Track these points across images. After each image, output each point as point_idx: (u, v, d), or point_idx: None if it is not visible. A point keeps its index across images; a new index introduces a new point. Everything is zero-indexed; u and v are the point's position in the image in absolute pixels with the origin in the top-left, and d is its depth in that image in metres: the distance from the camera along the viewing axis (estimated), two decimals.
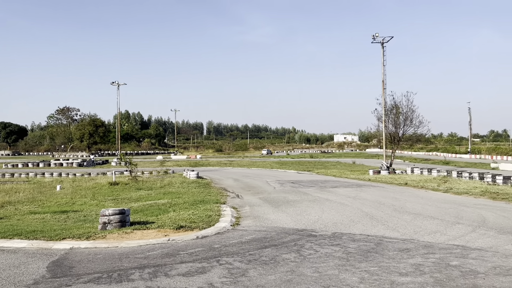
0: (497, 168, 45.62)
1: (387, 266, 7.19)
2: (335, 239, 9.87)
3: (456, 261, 7.60)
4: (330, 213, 14.07)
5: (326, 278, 6.47)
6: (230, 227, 11.78)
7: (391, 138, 40.04)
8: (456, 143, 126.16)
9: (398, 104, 38.97)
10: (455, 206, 15.78)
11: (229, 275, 6.70)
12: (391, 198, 18.62)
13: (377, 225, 11.81)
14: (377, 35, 37.64)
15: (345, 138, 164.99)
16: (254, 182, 28.74)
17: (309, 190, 22.31)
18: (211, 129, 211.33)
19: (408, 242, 9.42)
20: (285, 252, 8.39)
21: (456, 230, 10.91)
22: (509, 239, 9.78)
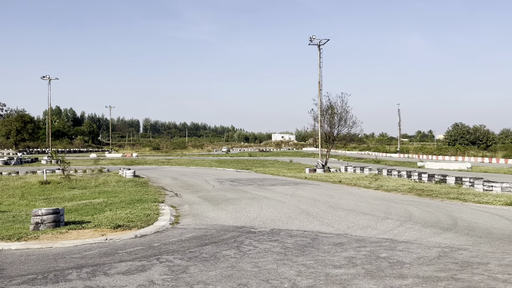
0: (423, 167, 48.51)
1: (322, 260, 7.55)
2: (273, 235, 10.17)
3: (385, 253, 8.13)
4: (268, 210, 14.40)
5: (265, 272, 6.70)
6: (169, 225, 11.74)
7: (327, 137, 41.38)
8: (386, 143, 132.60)
9: (333, 105, 40.32)
10: (385, 202, 16.71)
11: (170, 272, 6.74)
12: (326, 195, 19.35)
13: (313, 221, 12.28)
14: (314, 38, 38.71)
15: (282, 137, 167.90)
16: (193, 180, 28.62)
17: (248, 188, 22.62)
18: (148, 126, 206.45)
19: (342, 237, 9.91)
20: (225, 249, 8.54)
21: (386, 225, 11.60)
22: (432, 232, 10.57)
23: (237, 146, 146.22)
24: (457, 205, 16.08)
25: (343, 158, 71.39)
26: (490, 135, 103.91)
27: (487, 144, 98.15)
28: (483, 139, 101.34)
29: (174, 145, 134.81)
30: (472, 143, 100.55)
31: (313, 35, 38.52)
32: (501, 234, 10.17)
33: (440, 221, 12.20)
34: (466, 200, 17.49)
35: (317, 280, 6.26)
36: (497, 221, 12.18)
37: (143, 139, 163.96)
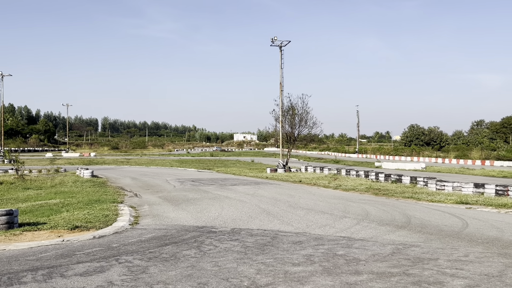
0: (380, 167, 49.90)
1: (282, 258, 7.71)
2: (234, 234, 10.26)
3: (342, 250, 8.39)
4: (229, 210, 14.48)
5: (225, 271, 6.78)
6: (128, 226, 11.61)
7: (288, 137, 41.86)
8: (346, 143, 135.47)
9: (294, 106, 40.86)
10: (343, 201, 17.14)
11: (129, 273, 6.70)
12: (286, 195, 19.62)
13: (273, 220, 12.46)
14: (275, 39, 39.07)
15: (244, 137, 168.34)
16: (153, 180, 28.29)
17: (210, 188, 22.60)
18: (107, 125, 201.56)
19: (301, 235, 10.12)
20: (185, 249, 8.55)
21: (343, 223, 11.93)
22: (387, 229, 10.96)
23: (199, 146, 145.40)
24: (411, 204, 16.70)
25: (303, 158, 72.36)
26: (444, 136, 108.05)
27: (440, 145, 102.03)
28: (437, 140, 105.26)
29: (134, 144, 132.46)
30: (427, 144, 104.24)
31: (274, 36, 38.88)
32: (451, 231, 10.67)
33: (395, 219, 12.65)
34: (419, 199, 18.19)
35: (276, 277, 6.41)
36: (447, 218, 12.76)
37: (102, 138, 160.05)
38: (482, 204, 16.21)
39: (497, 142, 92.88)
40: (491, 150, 79.55)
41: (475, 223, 11.95)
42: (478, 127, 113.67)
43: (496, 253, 8.19)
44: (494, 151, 77.83)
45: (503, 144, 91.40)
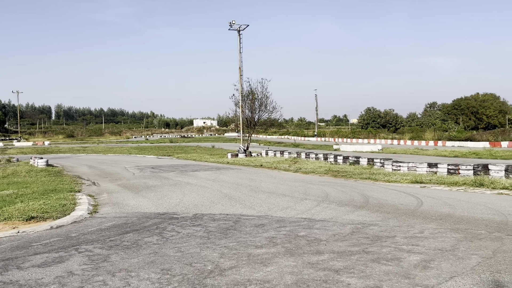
0: (338, 149, 50.95)
1: (245, 241, 7.77)
2: (196, 220, 10.23)
3: (304, 232, 8.54)
4: (191, 196, 14.40)
5: (188, 256, 6.77)
6: (87, 215, 11.33)
7: (248, 122, 41.95)
8: (305, 127, 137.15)
9: (254, 90, 40.93)
10: (303, 184, 17.41)
11: (89, 262, 6.56)
12: (248, 179, 19.72)
13: (236, 205, 12.50)
14: (233, 23, 38.78)
15: (204, 122, 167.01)
16: (111, 168, 27.68)
17: (170, 174, 22.37)
18: (61, 113, 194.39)
19: (263, 218, 10.22)
20: (147, 236, 8.46)
21: (304, 205, 12.13)
22: (347, 210, 11.24)
23: (158, 132, 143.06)
24: (369, 185, 17.18)
25: (264, 143, 72.80)
26: (399, 118, 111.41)
27: (396, 127, 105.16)
28: (393, 123, 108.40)
29: (90, 132, 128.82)
30: (383, 126, 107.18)
31: (232, 20, 38.60)
32: (407, 209, 11.07)
33: (353, 200, 12.98)
34: (377, 179, 18.73)
35: (240, 260, 6.46)
36: (403, 197, 13.22)
37: (56, 127, 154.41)
38: (435, 183, 16.89)
39: (448, 123, 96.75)
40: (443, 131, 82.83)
41: (429, 201, 12.45)
42: (431, 109, 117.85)
43: (449, 228, 8.58)
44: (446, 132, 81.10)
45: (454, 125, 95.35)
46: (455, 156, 36.86)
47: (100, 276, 5.86)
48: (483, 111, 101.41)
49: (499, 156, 35.64)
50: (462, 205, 11.55)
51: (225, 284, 5.40)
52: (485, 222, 9.18)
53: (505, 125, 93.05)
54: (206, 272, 5.94)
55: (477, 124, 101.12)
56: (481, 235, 7.90)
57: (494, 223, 8.99)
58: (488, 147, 52.28)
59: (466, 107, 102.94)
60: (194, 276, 5.76)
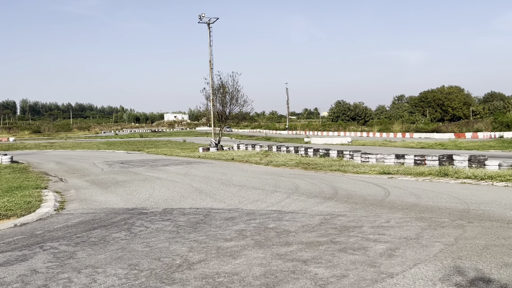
0: (309, 142, 51.42)
1: (214, 234, 7.76)
2: (166, 214, 10.15)
3: (273, 224, 8.60)
4: (161, 191, 14.27)
5: (157, 251, 6.71)
6: (53, 212, 11.07)
7: (219, 116, 41.78)
8: (276, 121, 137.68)
9: (225, 84, 40.76)
10: (274, 177, 17.50)
11: (54, 259, 6.42)
12: (219, 173, 19.68)
13: (206, 198, 12.47)
14: (203, 16, 38.44)
15: (175, 117, 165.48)
16: (79, 164, 27.10)
17: (140, 169, 22.08)
18: (27, 108, 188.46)
19: (233, 211, 10.23)
20: (115, 232, 8.33)
21: (274, 198, 12.20)
22: (316, 201, 11.37)
23: (128, 127, 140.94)
24: (338, 176, 17.43)
25: (235, 136, 72.73)
26: (368, 111, 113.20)
27: (365, 120, 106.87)
28: (362, 115, 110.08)
29: (58, 127, 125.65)
30: (352, 119, 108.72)
31: (202, 13, 38.31)
32: (374, 200, 11.30)
33: (323, 191, 13.15)
34: (346, 171, 19.02)
35: (209, 254, 6.45)
36: (371, 188, 13.48)
37: (22, 122, 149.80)
38: (402, 173, 17.29)
39: (416, 115, 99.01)
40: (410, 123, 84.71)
41: (396, 191, 12.74)
42: (399, 101, 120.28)
43: (414, 217, 8.80)
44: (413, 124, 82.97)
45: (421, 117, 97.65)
46: (422, 148, 37.81)
47: (65, 273, 5.74)
48: (449, 103, 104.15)
49: (463, 146, 36.76)
50: (427, 195, 11.87)
51: (193, 277, 5.39)
52: (448, 210, 9.46)
53: (469, 117, 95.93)
54: (174, 266, 5.91)
55: (443, 116, 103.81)
56: (444, 223, 8.14)
57: (457, 212, 9.27)
58: (453, 138, 53.82)
59: (433, 99, 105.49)
60: (162, 270, 5.72)
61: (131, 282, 5.30)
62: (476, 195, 11.62)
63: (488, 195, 11.53)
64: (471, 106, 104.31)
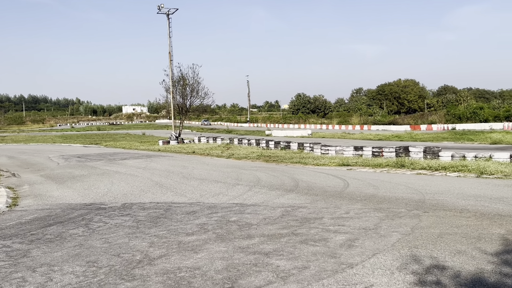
0: (270, 135, 51.71)
1: (175, 229, 7.67)
2: (125, 209, 9.94)
3: (235, 217, 8.59)
4: (120, 185, 13.96)
5: (116, 247, 6.56)
6: (6, 208, 10.62)
7: (180, 109, 41.25)
8: (237, 113, 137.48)
9: (185, 76, 40.23)
10: (236, 169, 17.49)
11: (7, 258, 6.15)
12: (179, 166, 19.46)
13: (167, 193, 12.30)
14: (162, 6, 37.73)
15: (134, 109, 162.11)
16: (33, 158, 26.10)
17: (98, 163, 21.52)
18: None
19: (194, 205, 10.14)
20: (72, 228, 8.08)
21: (236, 191, 12.19)
22: (277, 194, 11.45)
23: (84, 120, 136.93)
24: (299, 168, 17.62)
25: (196, 129, 72.16)
26: (328, 104, 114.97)
27: (325, 112, 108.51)
28: (322, 108, 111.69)
29: (10, 120, 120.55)
30: (312, 111, 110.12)
31: (161, 4, 37.54)
32: (334, 191, 11.49)
33: (284, 183, 13.25)
34: (306, 163, 19.25)
35: (170, 249, 6.36)
36: (331, 180, 13.71)
37: None
38: (361, 165, 17.68)
39: (373, 108, 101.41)
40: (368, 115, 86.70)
41: (355, 182, 13.01)
42: (357, 94, 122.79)
43: (372, 208, 9.02)
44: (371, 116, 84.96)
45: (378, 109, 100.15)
46: (379, 140, 38.81)
47: (19, 272, 5.51)
48: (405, 96, 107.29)
49: (418, 138, 38.00)
50: (385, 186, 12.19)
51: (154, 273, 5.30)
52: (405, 201, 9.76)
53: (424, 109, 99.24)
54: (134, 262, 5.79)
55: (399, 108, 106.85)
56: (401, 213, 8.39)
57: (413, 202, 9.58)
58: (409, 130, 55.58)
59: (390, 92, 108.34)
60: (122, 267, 5.60)
61: (89, 279, 5.15)
62: (431, 185, 12.05)
63: (442, 185, 11.98)
64: (425, 99, 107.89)
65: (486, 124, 56.16)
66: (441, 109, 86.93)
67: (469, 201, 9.49)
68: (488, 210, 8.46)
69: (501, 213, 8.15)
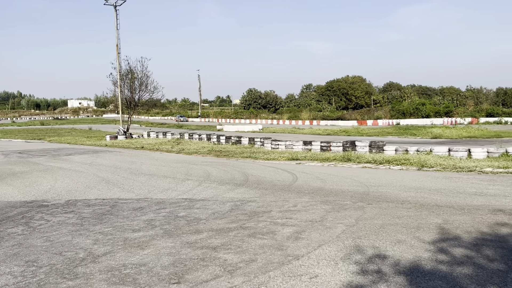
0: (222, 130, 51.62)
1: (121, 226, 7.50)
2: (69, 206, 9.59)
3: (184, 212, 8.52)
4: (64, 182, 13.45)
5: (58, 245, 6.33)
6: None
7: (128, 103, 40.19)
8: (188, 108, 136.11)
9: (134, 69, 39.22)
10: (186, 165, 17.32)
11: None
12: (127, 162, 19.02)
13: (113, 189, 11.99)
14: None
15: (80, 103, 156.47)
16: None
17: (40, 159, 20.61)
18: None
19: (142, 201, 9.96)
20: (11, 227, 7.71)
21: (186, 186, 12.08)
22: (227, 188, 11.46)
23: (27, 114, 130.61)
24: (249, 163, 17.70)
25: (146, 124, 70.72)
26: (278, 99, 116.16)
27: (276, 108, 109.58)
28: (273, 103, 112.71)
29: None
30: (263, 107, 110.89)
31: None
32: (283, 185, 11.65)
33: (234, 178, 13.28)
34: (257, 158, 19.38)
35: (115, 245, 6.22)
36: (280, 174, 13.89)
37: None
38: (309, 159, 18.02)
39: (322, 103, 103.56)
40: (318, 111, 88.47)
41: (303, 176, 13.25)
42: (307, 90, 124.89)
43: (319, 201, 9.23)
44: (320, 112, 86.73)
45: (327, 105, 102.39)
46: (327, 134, 39.70)
47: None
48: (352, 92, 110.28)
49: (365, 133, 39.21)
50: (332, 179, 12.50)
51: (98, 271, 5.16)
52: (350, 193, 10.06)
53: (371, 105, 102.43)
54: (77, 260, 5.61)
55: (347, 104, 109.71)
56: (347, 205, 8.64)
57: (358, 194, 9.89)
58: (356, 125, 57.21)
59: (338, 88, 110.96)
60: (64, 265, 5.41)
61: (28, 280, 4.94)
62: (375, 178, 12.48)
63: (385, 178, 12.45)
64: (372, 95, 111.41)
65: (428, 120, 58.85)
66: (386, 105, 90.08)
67: (410, 192, 9.92)
68: (427, 201, 8.89)
69: (439, 203, 8.58)
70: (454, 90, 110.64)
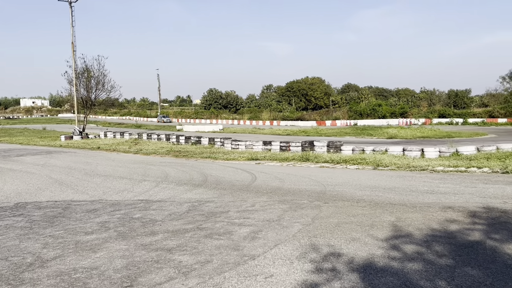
0: (181, 130, 51.09)
1: (73, 228, 7.25)
2: (18, 209, 9.19)
3: (139, 213, 8.34)
4: (13, 184, 12.89)
5: (4, 250, 6.04)
6: None
7: (84, 102, 39.06)
8: (148, 108, 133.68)
9: (90, 68, 38.17)
10: (143, 165, 16.99)
11: None
12: (82, 162, 18.47)
13: (67, 190, 11.60)
14: None
15: (34, 102, 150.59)
16: None
17: None
18: None
19: (96, 203, 9.68)
20: None
21: (142, 187, 11.85)
22: (185, 189, 11.32)
23: None
24: (209, 163, 17.58)
25: (103, 124, 68.95)
26: (239, 100, 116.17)
27: (236, 108, 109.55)
28: (233, 104, 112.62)
29: None
30: (224, 107, 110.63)
31: None
32: (242, 185, 11.64)
33: (193, 178, 13.14)
34: (216, 158, 19.29)
35: (66, 249, 6.00)
36: (239, 174, 13.87)
37: None
38: (269, 159, 18.11)
39: (283, 104, 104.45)
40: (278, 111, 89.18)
41: (262, 176, 13.29)
42: (268, 91, 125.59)
43: (277, 200, 9.27)
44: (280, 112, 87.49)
45: (287, 106, 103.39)
46: (287, 135, 40.06)
47: None
48: (312, 93, 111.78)
49: (323, 133, 39.84)
50: (290, 179, 12.60)
51: (46, 276, 4.96)
52: (308, 192, 10.17)
53: (329, 106, 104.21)
54: (24, 265, 5.37)
55: (307, 105, 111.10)
56: (304, 204, 8.72)
57: (315, 193, 10.01)
58: (315, 125, 58.05)
59: (298, 89, 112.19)
60: (9, 271, 5.16)
61: None
62: (332, 177, 12.69)
63: (342, 177, 12.67)
64: (331, 96, 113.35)
65: (384, 120, 60.56)
66: (344, 106, 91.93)
67: (365, 191, 10.14)
68: (381, 199, 9.11)
69: (393, 202, 8.82)
70: (409, 92, 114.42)
